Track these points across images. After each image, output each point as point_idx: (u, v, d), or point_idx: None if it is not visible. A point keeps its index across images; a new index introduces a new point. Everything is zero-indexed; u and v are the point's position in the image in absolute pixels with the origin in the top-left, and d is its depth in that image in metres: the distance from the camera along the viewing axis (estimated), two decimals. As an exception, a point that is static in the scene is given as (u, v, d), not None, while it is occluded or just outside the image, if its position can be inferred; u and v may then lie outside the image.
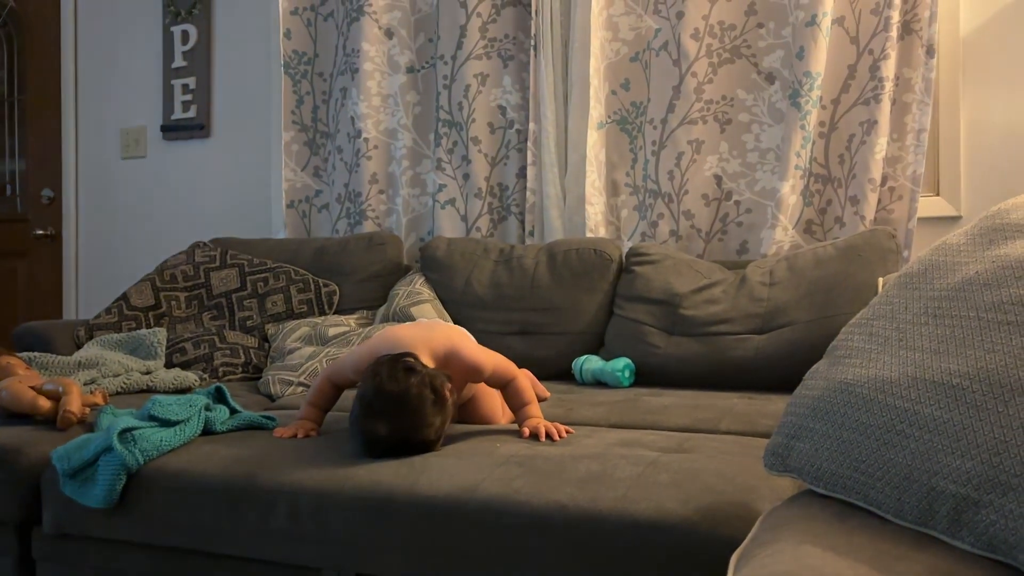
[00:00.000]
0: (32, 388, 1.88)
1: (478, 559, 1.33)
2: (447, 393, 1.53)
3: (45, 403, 1.85)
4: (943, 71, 2.54)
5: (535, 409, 1.67)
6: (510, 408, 1.71)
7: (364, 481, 1.43)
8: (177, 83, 3.56)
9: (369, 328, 2.56)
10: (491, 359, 1.68)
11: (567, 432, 1.62)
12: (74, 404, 1.82)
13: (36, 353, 2.34)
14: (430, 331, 1.69)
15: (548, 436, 1.59)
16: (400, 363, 1.53)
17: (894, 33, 2.45)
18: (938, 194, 2.57)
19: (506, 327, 2.54)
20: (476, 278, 2.63)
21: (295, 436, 1.67)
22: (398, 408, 1.48)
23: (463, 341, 1.70)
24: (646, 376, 2.33)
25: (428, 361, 1.60)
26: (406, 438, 1.50)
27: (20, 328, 2.73)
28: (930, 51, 2.42)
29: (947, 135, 2.55)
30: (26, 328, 2.72)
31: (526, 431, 1.60)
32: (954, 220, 2.54)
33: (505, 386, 1.69)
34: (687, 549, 1.21)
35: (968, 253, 1.05)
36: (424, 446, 1.52)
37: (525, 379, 1.72)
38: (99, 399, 1.95)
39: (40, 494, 1.69)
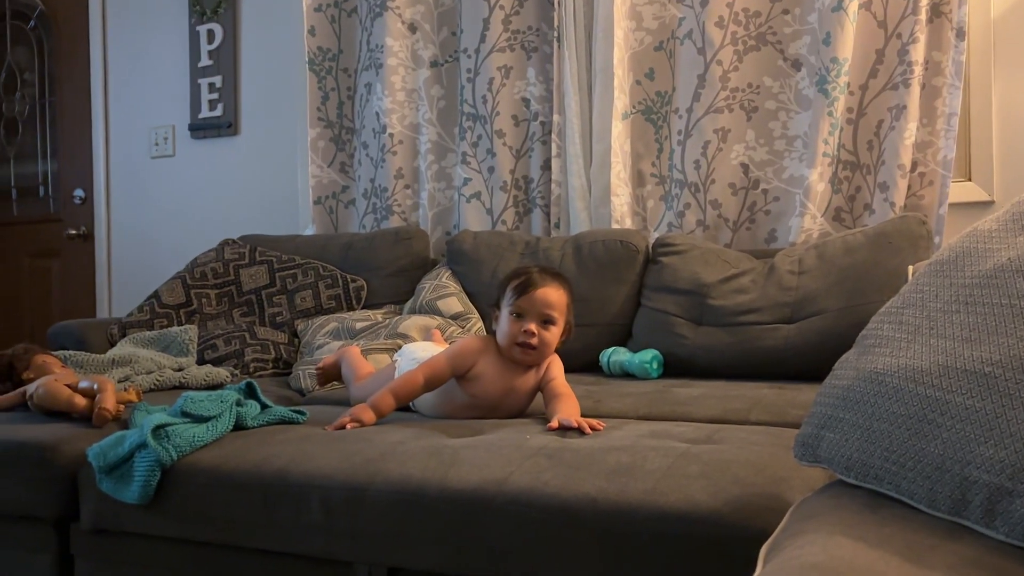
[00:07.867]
0: (68, 386, 1.92)
1: (508, 551, 1.34)
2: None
3: (81, 401, 1.88)
4: (973, 54, 2.49)
5: (570, 405, 1.68)
6: (546, 401, 1.76)
7: (395, 475, 1.44)
8: (204, 82, 3.60)
9: (396, 319, 2.57)
10: None
11: (600, 426, 1.61)
12: (109, 401, 1.84)
13: (71, 351, 2.38)
14: None
15: (579, 430, 1.58)
16: None
17: (923, 16, 2.41)
18: (970, 179, 2.53)
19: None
20: (502, 271, 2.62)
21: (344, 427, 1.69)
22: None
23: None
24: (674, 367, 2.32)
25: None
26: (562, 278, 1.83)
27: (55, 327, 2.77)
28: (960, 34, 2.38)
29: (978, 119, 2.51)
30: (61, 327, 2.76)
31: (556, 423, 1.60)
32: (987, 205, 2.51)
33: (551, 380, 1.80)
34: (717, 541, 1.21)
35: (1000, 239, 1.03)
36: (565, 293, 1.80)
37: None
38: (133, 396, 1.98)
39: (77, 490, 1.72)
